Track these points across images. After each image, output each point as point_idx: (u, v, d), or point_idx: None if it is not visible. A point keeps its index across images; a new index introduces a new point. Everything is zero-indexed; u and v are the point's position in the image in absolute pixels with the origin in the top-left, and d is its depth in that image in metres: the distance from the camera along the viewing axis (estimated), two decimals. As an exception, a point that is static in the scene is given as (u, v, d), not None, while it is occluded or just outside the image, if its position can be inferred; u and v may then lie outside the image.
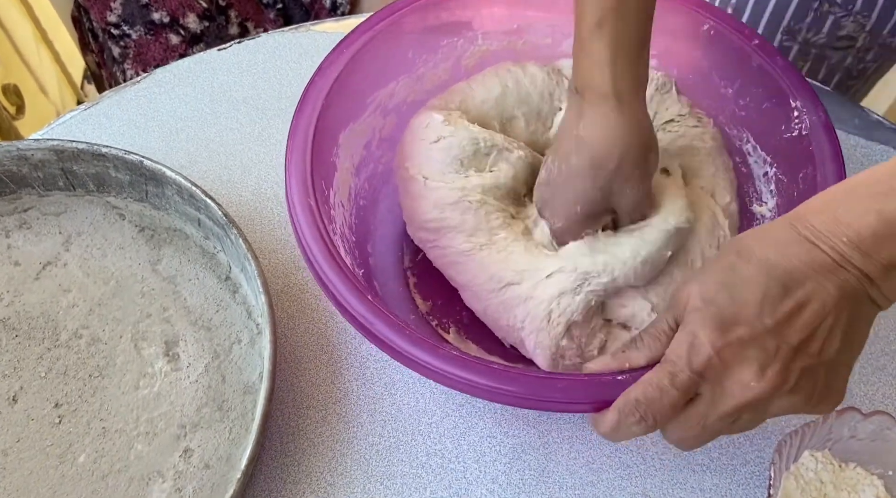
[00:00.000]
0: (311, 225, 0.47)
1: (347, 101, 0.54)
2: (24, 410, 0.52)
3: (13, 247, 0.58)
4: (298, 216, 0.47)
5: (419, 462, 0.51)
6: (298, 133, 0.50)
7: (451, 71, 0.61)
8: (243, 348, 0.54)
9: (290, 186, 0.48)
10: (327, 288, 0.45)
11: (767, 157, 0.56)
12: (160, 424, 0.52)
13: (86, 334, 0.55)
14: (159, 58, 1.08)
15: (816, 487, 0.47)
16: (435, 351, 0.42)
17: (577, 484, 0.51)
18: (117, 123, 0.67)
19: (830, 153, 0.51)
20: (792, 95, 0.54)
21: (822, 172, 0.50)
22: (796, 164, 0.53)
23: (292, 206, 0.48)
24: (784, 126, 0.54)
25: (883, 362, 0.56)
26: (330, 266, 0.45)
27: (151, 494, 0.49)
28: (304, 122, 0.50)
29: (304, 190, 0.48)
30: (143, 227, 0.59)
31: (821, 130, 0.52)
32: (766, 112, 0.56)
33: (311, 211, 0.47)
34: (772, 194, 0.56)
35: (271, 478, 0.51)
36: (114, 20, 1.08)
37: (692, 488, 0.51)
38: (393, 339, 0.43)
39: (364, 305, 0.44)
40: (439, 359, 0.42)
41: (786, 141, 0.54)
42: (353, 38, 0.55)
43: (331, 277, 0.45)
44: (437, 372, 0.42)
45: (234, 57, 0.72)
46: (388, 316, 0.43)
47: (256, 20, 1.15)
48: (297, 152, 0.49)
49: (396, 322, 0.43)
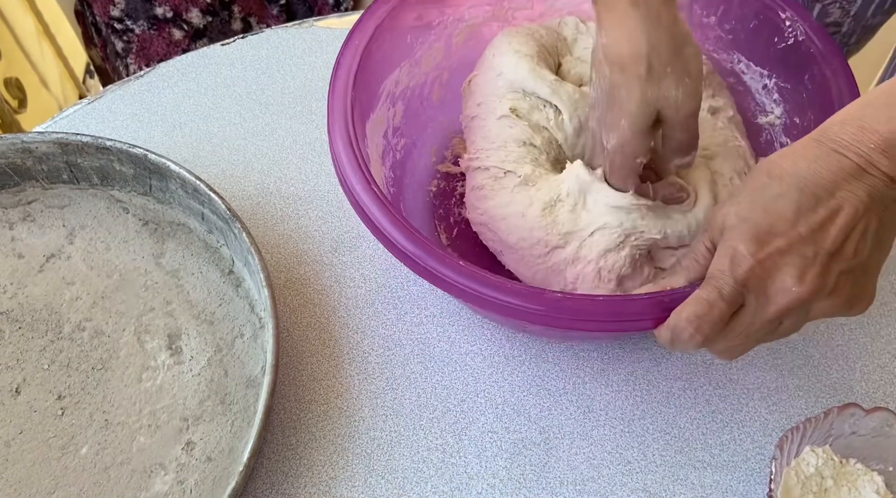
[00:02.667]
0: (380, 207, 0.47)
1: (365, 93, 0.55)
2: (27, 402, 0.52)
3: (17, 239, 0.58)
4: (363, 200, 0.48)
5: (420, 457, 0.52)
6: (337, 123, 0.50)
7: (444, 50, 0.61)
8: (246, 342, 0.54)
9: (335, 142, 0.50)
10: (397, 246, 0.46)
11: (764, 71, 0.60)
12: (163, 416, 0.52)
13: (89, 327, 0.55)
14: (162, 52, 1.08)
15: (817, 482, 0.47)
16: (506, 283, 0.44)
17: (577, 479, 0.51)
18: (121, 117, 0.67)
19: (832, 50, 0.54)
20: (780, 8, 0.57)
21: (831, 68, 0.54)
22: (798, 68, 0.56)
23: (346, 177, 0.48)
24: (777, 38, 0.57)
25: (885, 360, 0.56)
26: (402, 230, 0.46)
27: (153, 486, 0.49)
28: (340, 115, 0.51)
29: (350, 149, 0.49)
30: (147, 220, 0.59)
31: (817, 33, 0.55)
32: (754, 30, 0.59)
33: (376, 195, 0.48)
34: (776, 103, 0.59)
35: (273, 471, 0.51)
36: (117, 14, 1.08)
37: (693, 484, 0.51)
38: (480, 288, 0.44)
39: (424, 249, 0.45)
40: (512, 292, 0.44)
41: (781, 51, 0.58)
42: (362, 29, 0.55)
43: (393, 229, 0.46)
44: (503, 303, 0.44)
45: (237, 52, 0.72)
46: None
47: (260, 15, 1.15)
48: (339, 135, 0.50)
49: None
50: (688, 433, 0.53)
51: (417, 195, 0.60)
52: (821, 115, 0.54)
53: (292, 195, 0.63)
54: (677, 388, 0.55)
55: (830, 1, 0.70)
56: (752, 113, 0.61)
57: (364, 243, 0.61)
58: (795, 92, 0.57)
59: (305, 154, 0.66)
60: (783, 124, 0.59)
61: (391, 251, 0.46)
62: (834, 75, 0.53)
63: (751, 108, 0.61)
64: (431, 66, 0.61)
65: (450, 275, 0.44)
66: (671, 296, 0.42)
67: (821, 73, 0.54)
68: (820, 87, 0.54)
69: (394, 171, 0.59)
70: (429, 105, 0.62)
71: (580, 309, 0.43)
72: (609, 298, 0.44)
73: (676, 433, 0.53)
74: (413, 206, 0.60)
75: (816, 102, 0.55)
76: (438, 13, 0.59)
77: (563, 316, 0.43)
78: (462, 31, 0.61)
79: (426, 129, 0.62)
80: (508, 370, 0.55)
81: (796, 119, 0.58)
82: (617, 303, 0.44)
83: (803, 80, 0.56)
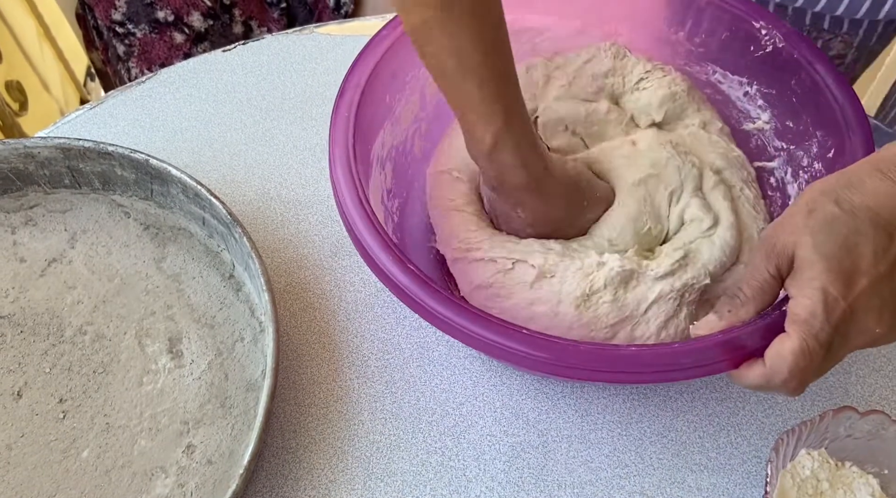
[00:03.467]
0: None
1: (362, 164, 0.52)
2: (29, 406, 0.53)
3: (19, 243, 0.59)
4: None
5: (419, 460, 0.52)
6: (349, 197, 0.48)
7: (419, 102, 0.60)
8: (246, 346, 0.54)
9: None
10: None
11: (742, 79, 0.61)
12: (163, 420, 0.52)
13: (90, 331, 0.56)
14: (163, 56, 1.09)
15: (813, 485, 0.48)
16: (572, 345, 0.43)
17: (575, 483, 0.51)
18: (122, 123, 0.67)
19: (814, 54, 0.55)
20: (752, 18, 0.58)
21: (818, 72, 0.55)
22: (782, 74, 0.57)
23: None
24: (753, 46, 0.58)
25: (880, 364, 0.56)
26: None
27: (154, 489, 0.50)
28: (351, 188, 0.49)
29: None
30: (148, 225, 0.60)
31: (795, 38, 0.56)
32: (726, 41, 0.60)
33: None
34: (762, 109, 0.60)
35: (273, 474, 0.51)
36: (118, 18, 1.08)
37: (690, 487, 0.51)
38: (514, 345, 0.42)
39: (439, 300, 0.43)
40: (580, 354, 0.43)
41: (759, 59, 0.58)
42: (348, 101, 0.53)
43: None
44: (572, 367, 0.43)
45: (238, 58, 0.72)
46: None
47: (260, 19, 1.16)
48: (358, 215, 0.48)
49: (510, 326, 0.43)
50: (685, 436, 0.53)
51: (422, 253, 0.58)
52: (818, 116, 0.55)
53: (292, 200, 0.64)
54: (674, 391, 0.55)
55: (830, 36, 0.70)
56: (735, 120, 0.62)
57: (363, 248, 0.61)
58: (782, 96, 0.58)
59: (305, 159, 0.66)
60: (774, 128, 0.60)
61: (448, 332, 0.44)
62: (823, 78, 0.54)
63: (734, 115, 0.62)
64: (410, 120, 0.59)
65: (519, 347, 0.42)
66: (747, 335, 0.42)
67: (809, 77, 0.55)
68: (811, 90, 0.55)
69: (395, 235, 0.56)
70: (413, 159, 0.60)
71: (655, 363, 0.42)
72: (684, 347, 0.43)
73: (673, 436, 0.53)
74: (419, 266, 0.58)
75: (811, 104, 0.55)
76: (410, 67, 0.57)
77: (642, 370, 0.42)
78: (433, 80, 0.60)
79: (414, 184, 0.60)
80: (507, 374, 0.56)
81: (789, 123, 0.58)
82: (693, 351, 0.42)
83: (790, 84, 0.57)
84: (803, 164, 0.57)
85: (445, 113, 0.60)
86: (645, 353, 0.42)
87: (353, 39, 0.56)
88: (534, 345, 0.42)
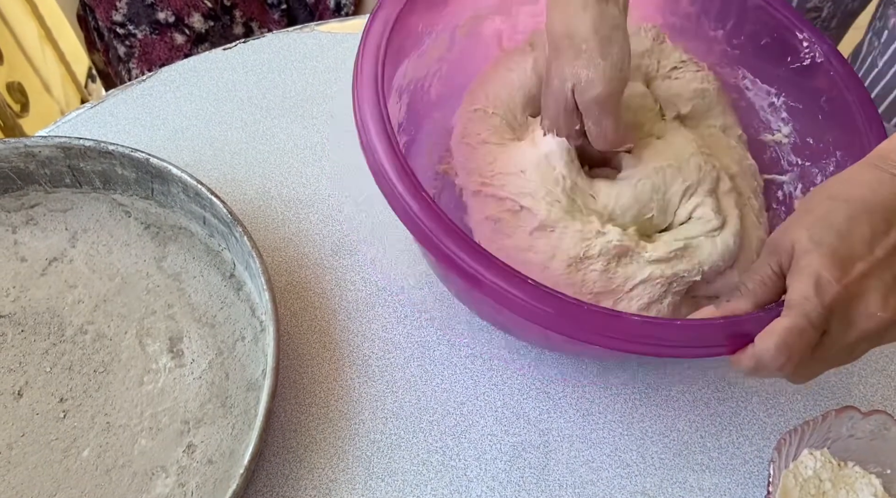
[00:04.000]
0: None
1: (385, 85, 0.51)
2: (30, 405, 0.52)
3: (20, 243, 0.59)
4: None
5: (420, 459, 0.52)
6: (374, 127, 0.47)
7: (447, 42, 0.59)
8: (247, 345, 0.54)
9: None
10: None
11: (771, 89, 0.60)
12: (164, 419, 0.52)
13: (91, 330, 0.56)
14: (164, 57, 1.09)
15: (815, 485, 0.48)
16: (584, 306, 0.42)
17: (576, 482, 0.51)
18: (123, 122, 0.67)
19: (850, 75, 0.55)
20: (797, 29, 0.57)
21: (851, 94, 0.54)
22: (813, 90, 0.56)
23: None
24: (791, 57, 0.58)
25: (882, 364, 0.56)
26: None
27: (155, 488, 0.49)
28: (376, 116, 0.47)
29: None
30: (149, 224, 0.60)
31: (835, 57, 0.56)
32: (764, 47, 0.59)
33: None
34: (784, 122, 0.59)
35: (273, 474, 0.51)
36: (119, 19, 1.08)
37: (691, 487, 0.51)
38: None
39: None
40: (589, 315, 0.42)
41: (793, 71, 0.58)
42: (383, 17, 0.52)
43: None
44: (577, 326, 0.42)
45: (239, 57, 0.72)
46: None
47: (261, 20, 1.16)
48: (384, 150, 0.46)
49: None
50: (686, 436, 0.53)
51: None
52: (843, 137, 0.54)
53: (293, 199, 0.64)
54: (676, 391, 0.55)
55: None
56: (754, 129, 0.61)
57: (364, 247, 0.61)
58: (809, 112, 0.57)
59: (306, 158, 0.66)
60: (792, 143, 0.58)
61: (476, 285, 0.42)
62: (856, 101, 0.53)
63: (753, 124, 0.61)
64: (434, 58, 0.58)
65: (525, 298, 0.41)
66: (748, 322, 0.42)
67: (841, 97, 0.54)
68: (840, 110, 0.54)
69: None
70: (427, 101, 0.59)
71: (655, 335, 0.41)
72: (686, 323, 0.42)
73: (675, 436, 0.53)
74: None
75: (836, 125, 0.55)
76: (448, 2, 0.57)
77: (639, 342, 0.41)
78: (466, 23, 0.59)
79: (423, 127, 0.59)
80: (508, 373, 0.56)
81: (809, 139, 0.57)
82: (694, 327, 0.42)
83: (819, 101, 0.56)
84: (816, 181, 0.56)
85: (467, 60, 0.60)
86: (648, 324, 0.42)
87: (355, 37, 0.56)
88: (539, 297, 0.41)
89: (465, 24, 0.59)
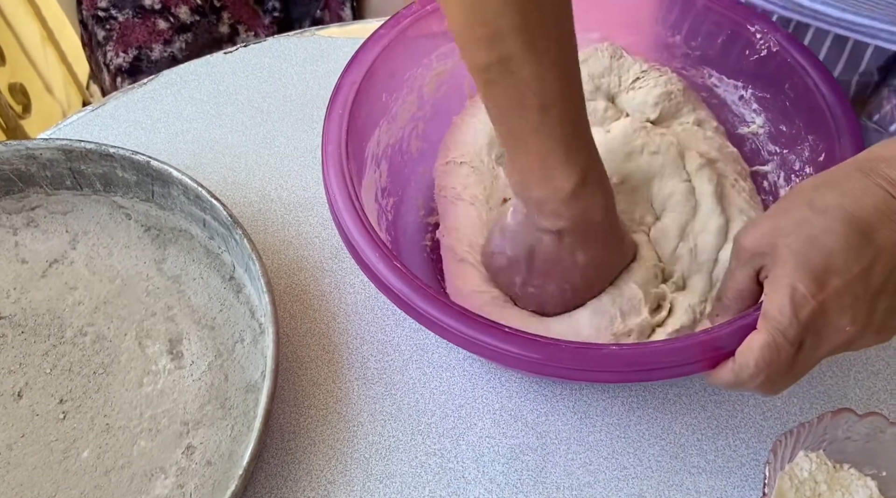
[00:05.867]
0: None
1: (355, 161, 0.53)
2: (29, 406, 0.53)
3: (20, 245, 0.59)
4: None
5: (418, 462, 0.52)
6: (339, 194, 0.49)
7: (416, 102, 0.60)
8: (246, 347, 0.55)
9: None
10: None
11: (738, 83, 0.61)
12: (163, 420, 0.52)
13: (91, 332, 0.56)
14: (143, 40, 1.04)
15: (811, 487, 0.48)
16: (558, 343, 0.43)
17: (574, 485, 0.51)
18: (124, 124, 0.68)
19: (808, 58, 0.56)
20: (748, 22, 0.58)
21: (811, 76, 0.55)
22: (775, 78, 0.58)
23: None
24: (748, 51, 0.59)
25: (878, 367, 0.57)
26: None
27: (154, 490, 0.50)
28: (341, 184, 0.50)
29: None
30: (149, 226, 0.60)
31: (790, 42, 0.57)
32: (723, 45, 0.60)
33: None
34: (756, 113, 0.61)
35: (272, 475, 0.51)
36: (104, 5, 1.06)
37: (688, 490, 0.51)
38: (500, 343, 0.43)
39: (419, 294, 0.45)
40: (561, 350, 0.43)
41: (754, 63, 0.59)
42: (342, 97, 0.53)
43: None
44: (554, 366, 0.43)
45: (239, 60, 0.73)
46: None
47: (249, 24, 1.15)
48: (348, 213, 0.49)
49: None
50: (683, 439, 0.53)
51: (415, 252, 0.59)
52: (811, 120, 0.55)
53: (293, 202, 0.64)
54: (672, 394, 0.55)
55: None
56: (731, 124, 0.62)
57: (363, 250, 0.61)
58: (776, 101, 0.58)
59: (306, 161, 0.66)
60: (768, 132, 0.60)
61: (438, 332, 0.45)
62: (816, 83, 0.54)
63: (729, 119, 0.62)
64: (406, 119, 0.60)
65: (497, 345, 0.43)
66: (723, 337, 0.42)
67: (801, 81, 0.55)
68: (804, 94, 0.55)
69: (389, 233, 0.58)
70: (409, 159, 0.61)
71: (635, 361, 0.42)
72: (663, 345, 0.43)
73: (672, 439, 0.53)
74: (412, 264, 0.58)
75: (803, 109, 0.56)
76: (408, 66, 0.58)
77: (618, 369, 0.42)
78: (431, 80, 0.60)
79: (410, 184, 0.61)
80: (506, 376, 0.56)
81: (782, 127, 0.58)
82: (669, 349, 0.43)
83: (783, 89, 0.57)
84: (795, 168, 0.57)
85: (442, 113, 0.61)
86: (624, 352, 0.43)
87: (355, 42, 0.56)
88: (513, 343, 0.43)
89: (430, 81, 0.60)
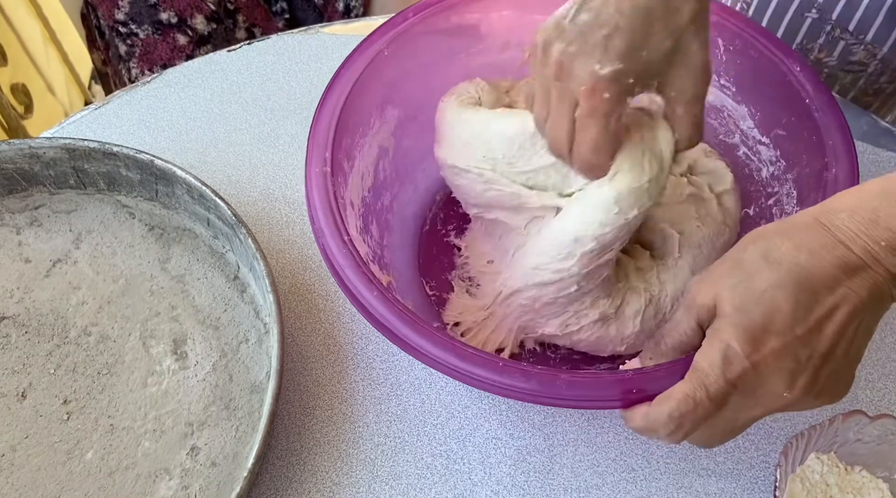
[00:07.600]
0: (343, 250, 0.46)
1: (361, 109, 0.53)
2: (33, 407, 0.52)
3: (24, 244, 0.59)
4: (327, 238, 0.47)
5: (424, 463, 0.52)
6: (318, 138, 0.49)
7: None
8: (251, 347, 0.54)
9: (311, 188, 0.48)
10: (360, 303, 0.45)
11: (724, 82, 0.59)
12: (168, 421, 0.52)
13: (95, 332, 0.55)
14: (166, 57, 1.08)
15: (822, 489, 0.47)
16: (492, 361, 0.43)
17: (581, 487, 0.51)
18: (127, 123, 0.67)
19: (782, 49, 0.54)
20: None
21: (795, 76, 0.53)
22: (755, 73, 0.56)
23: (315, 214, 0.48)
24: (732, 47, 0.57)
25: (890, 368, 0.56)
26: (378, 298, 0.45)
27: (158, 491, 0.49)
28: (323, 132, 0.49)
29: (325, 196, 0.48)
30: (153, 225, 0.60)
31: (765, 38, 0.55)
32: None
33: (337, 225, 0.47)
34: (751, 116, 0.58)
35: (277, 476, 0.51)
36: (121, 18, 1.08)
37: (697, 492, 0.51)
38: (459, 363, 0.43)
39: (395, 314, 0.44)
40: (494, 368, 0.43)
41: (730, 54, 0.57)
42: (367, 45, 0.53)
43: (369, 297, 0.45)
44: (461, 371, 0.43)
45: (243, 58, 0.72)
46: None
47: (264, 27, 1.16)
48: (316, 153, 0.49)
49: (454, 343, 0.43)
50: (692, 440, 0.53)
51: (414, 289, 0.58)
52: (795, 111, 0.54)
53: (297, 201, 0.63)
54: (681, 395, 0.55)
55: (854, 42, 0.68)
56: (728, 131, 0.60)
57: (369, 249, 0.61)
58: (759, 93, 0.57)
59: (311, 160, 0.66)
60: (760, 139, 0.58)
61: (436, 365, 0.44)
62: (815, 103, 0.53)
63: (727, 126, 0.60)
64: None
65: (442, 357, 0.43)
66: (645, 379, 0.41)
67: (784, 78, 0.54)
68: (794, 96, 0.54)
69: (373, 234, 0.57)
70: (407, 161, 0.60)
71: (547, 393, 0.42)
72: (577, 378, 0.42)
73: (681, 440, 0.53)
74: (401, 258, 0.58)
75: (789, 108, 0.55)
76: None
77: (535, 396, 0.42)
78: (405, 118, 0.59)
79: (407, 180, 0.61)
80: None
81: (760, 114, 0.57)
82: (584, 384, 0.42)
83: (766, 82, 0.56)
84: (789, 174, 0.55)
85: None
86: (543, 386, 0.42)
87: (359, 39, 0.56)
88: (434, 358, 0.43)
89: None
